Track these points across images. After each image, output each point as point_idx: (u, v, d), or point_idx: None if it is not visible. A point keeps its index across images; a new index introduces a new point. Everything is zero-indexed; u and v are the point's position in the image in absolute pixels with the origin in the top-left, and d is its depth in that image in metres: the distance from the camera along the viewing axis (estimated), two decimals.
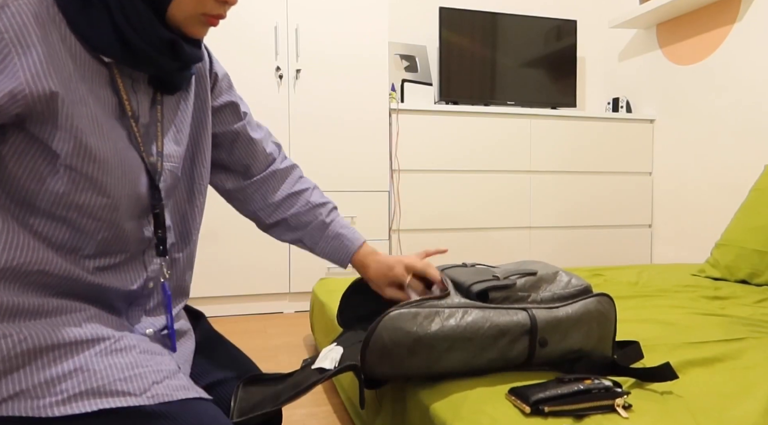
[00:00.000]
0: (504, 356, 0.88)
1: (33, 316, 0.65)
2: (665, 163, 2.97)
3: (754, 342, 1.13)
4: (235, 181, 0.99)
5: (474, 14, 3.09)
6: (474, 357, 0.86)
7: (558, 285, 0.97)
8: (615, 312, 0.97)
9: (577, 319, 0.91)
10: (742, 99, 2.49)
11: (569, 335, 0.90)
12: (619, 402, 0.78)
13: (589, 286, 0.98)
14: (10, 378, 0.61)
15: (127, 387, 0.64)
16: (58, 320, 0.66)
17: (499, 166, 2.87)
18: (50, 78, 0.62)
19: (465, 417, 0.78)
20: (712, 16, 2.64)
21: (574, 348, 0.91)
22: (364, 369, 0.84)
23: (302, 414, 1.43)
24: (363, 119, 2.67)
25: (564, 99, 3.24)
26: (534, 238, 2.94)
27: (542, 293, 0.95)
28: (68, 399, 0.62)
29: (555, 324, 0.89)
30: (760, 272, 1.81)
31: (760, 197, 1.93)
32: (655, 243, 3.08)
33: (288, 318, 2.53)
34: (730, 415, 0.78)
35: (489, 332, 0.86)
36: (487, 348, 0.87)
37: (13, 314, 0.63)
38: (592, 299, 0.95)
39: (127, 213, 0.71)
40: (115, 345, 0.67)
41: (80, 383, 0.63)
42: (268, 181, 1.00)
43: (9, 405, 0.61)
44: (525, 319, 0.88)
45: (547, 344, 0.89)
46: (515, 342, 0.88)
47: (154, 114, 0.76)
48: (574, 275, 1.00)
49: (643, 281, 1.91)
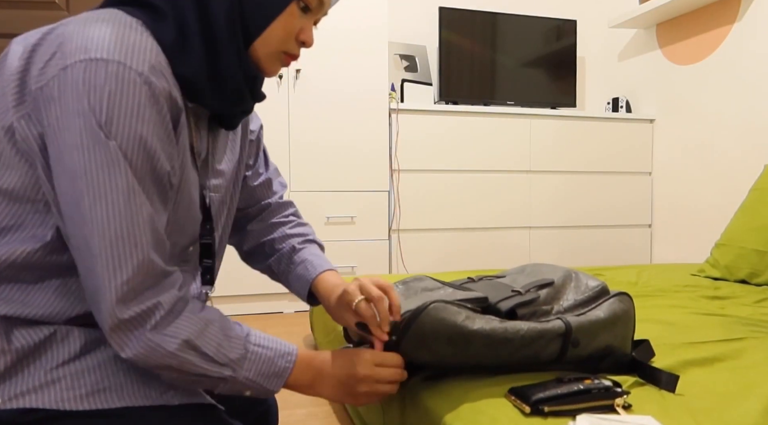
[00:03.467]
0: (537, 355, 0.89)
1: (71, 320, 0.66)
2: (665, 163, 2.97)
3: (753, 342, 1.13)
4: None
5: (474, 14, 3.09)
6: (510, 355, 0.87)
7: (577, 291, 0.97)
8: (634, 310, 0.98)
9: (605, 321, 0.92)
10: (742, 99, 2.49)
11: (599, 336, 0.91)
12: (618, 401, 0.78)
13: (606, 285, 0.98)
14: (35, 368, 0.63)
15: (147, 387, 0.67)
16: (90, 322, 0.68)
17: (499, 166, 2.87)
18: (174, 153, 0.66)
19: (465, 417, 0.78)
20: (712, 16, 2.64)
21: (601, 347, 0.92)
22: (401, 350, 0.83)
23: (302, 414, 1.43)
24: (363, 119, 2.67)
25: (564, 99, 3.24)
26: (534, 238, 2.94)
27: (564, 303, 0.95)
28: (92, 393, 0.64)
29: (587, 326, 0.90)
30: (759, 272, 1.81)
31: (760, 197, 1.93)
32: (654, 243, 3.08)
33: (288, 318, 2.54)
34: (730, 415, 0.78)
35: (529, 333, 0.87)
36: (523, 348, 0.87)
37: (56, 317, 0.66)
38: (614, 299, 0.95)
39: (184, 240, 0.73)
40: None
41: (103, 378, 0.65)
42: (258, 212, 0.97)
43: (34, 397, 0.62)
44: (560, 324, 0.89)
45: (579, 344, 0.90)
46: (550, 343, 0.88)
47: (207, 147, 0.78)
48: (587, 275, 1.00)
49: (642, 281, 1.91)
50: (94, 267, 0.59)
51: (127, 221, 0.60)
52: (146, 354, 0.62)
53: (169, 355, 0.63)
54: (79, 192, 0.58)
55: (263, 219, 0.96)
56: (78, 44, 0.59)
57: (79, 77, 0.58)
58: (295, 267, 0.92)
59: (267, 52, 0.71)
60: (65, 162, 0.58)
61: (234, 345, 0.68)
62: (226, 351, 0.67)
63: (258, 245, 0.96)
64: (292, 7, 0.70)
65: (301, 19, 0.71)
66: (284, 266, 0.93)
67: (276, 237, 0.95)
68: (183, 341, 0.63)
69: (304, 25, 0.72)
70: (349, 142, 2.66)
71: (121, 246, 0.60)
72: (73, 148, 0.58)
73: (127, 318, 0.60)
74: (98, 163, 0.58)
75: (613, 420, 0.74)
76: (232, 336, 0.68)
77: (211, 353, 0.66)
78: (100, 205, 0.59)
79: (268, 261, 0.95)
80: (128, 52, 0.59)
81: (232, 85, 0.69)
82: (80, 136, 0.58)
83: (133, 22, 0.63)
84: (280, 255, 0.94)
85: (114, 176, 0.59)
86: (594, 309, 0.93)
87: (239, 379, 0.68)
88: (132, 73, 0.59)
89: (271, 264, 0.95)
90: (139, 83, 0.59)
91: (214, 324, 0.67)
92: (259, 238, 0.96)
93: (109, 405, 0.64)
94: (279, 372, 0.71)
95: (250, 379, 0.69)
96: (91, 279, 0.60)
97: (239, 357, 0.68)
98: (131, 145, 0.59)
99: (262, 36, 0.69)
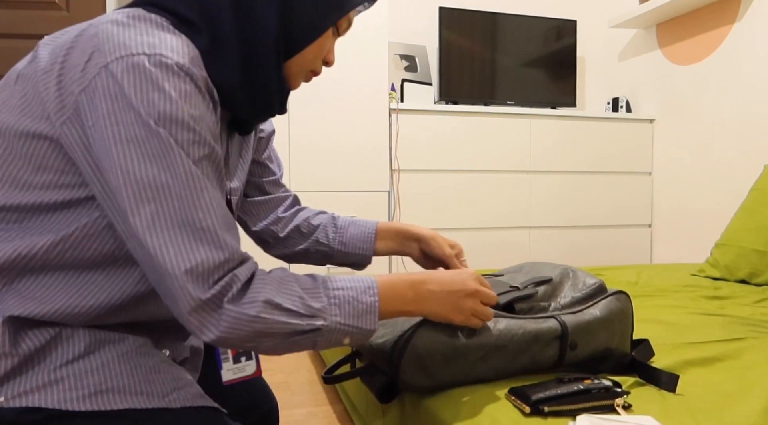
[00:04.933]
0: (536, 361, 0.88)
1: (85, 317, 0.67)
2: (665, 162, 2.97)
3: (753, 342, 1.13)
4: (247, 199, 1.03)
5: (474, 14, 3.08)
6: (508, 364, 0.86)
7: (574, 288, 0.97)
8: (632, 309, 0.97)
9: (602, 320, 0.92)
10: (742, 99, 2.49)
11: (597, 336, 0.91)
12: (618, 401, 0.78)
13: (603, 283, 0.98)
14: (39, 368, 0.63)
15: (150, 389, 0.66)
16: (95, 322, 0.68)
17: (499, 165, 2.87)
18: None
19: (465, 417, 0.78)
20: (712, 16, 2.64)
21: (600, 348, 0.92)
22: (399, 378, 0.82)
23: (302, 414, 1.43)
24: (363, 119, 2.67)
25: (564, 99, 3.24)
26: (533, 238, 2.94)
27: (561, 300, 0.95)
28: (95, 394, 0.63)
29: (584, 326, 0.90)
30: (759, 272, 1.81)
31: (760, 197, 1.93)
32: (654, 243, 3.08)
33: None
34: (730, 415, 0.78)
35: (523, 338, 0.86)
36: (521, 355, 0.86)
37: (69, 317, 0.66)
38: (611, 298, 0.95)
39: None
40: (139, 349, 0.69)
41: (106, 379, 0.65)
42: (277, 199, 1.03)
43: (37, 396, 0.62)
44: (555, 325, 0.88)
45: (577, 346, 0.89)
46: (547, 347, 0.88)
47: (226, 150, 0.80)
48: (585, 273, 1.00)
49: (642, 281, 1.91)
50: (161, 257, 0.59)
51: (191, 206, 0.60)
52: (232, 328, 0.61)
53: (254, 320, 0.62)
54: (136, 184, 0.59)
55: (288, 207, 1.03)
56: (116, 42, 0.60)
57: (123, 72, 0.59)
58: (348, 229, 1.02)
59: (298, 70, 0.76)
60: (118, 157, 0.59)
61: (315, 295, 0.67)
62: (310, 302, 0.66)
63: (293, 229, 1.02)
64: (329, 30, 0.75)
65: (330, 40, 0.77)
66: (332, 234, 1.02)
67: (309, 216, 1.04)
68: (263, 302, 0.62)
69: (330, 47, 0.78)
70: (349, 142, 2.66)
71: (189, 232, 0.60)
72: (125, 141, 0.58)
73: (207, 298, 0.60)
74: (153, 154, 0.59)
75: (613, 420, 0.74)
76: (309, 287, 0.68)
77: (296, 307, 0.65)
78: (160, 194, 0.59)
79: (312, 236, 1.02)
80: (166, 47, 0.61)
81: (265, 97, 0.73)
82: (131, 129, 0.58)
83: (164, 21, 0.65)
84: (324, 226, 1.02)
85: (171, 164, 0.59)
86: (590, 308, 0.93)
87: (332, 327, 0.67)
88: (174, 65, 0.60)
89: (318, 237, 1.02)
90: (182, 74, 0.61)
91: (289, 280, 0.67)
92: (289, 222, 1.02)
93: (112, 406, 0.63)
94: (368, 309, 0.69)
95: (343, 324, 0.67)
96: (159, 270, 0.59)
97: (324, 305, 0.67)
98: (182, 131, 0.60)
99: (298, 55, 0.74)
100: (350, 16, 0.78)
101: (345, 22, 0.77)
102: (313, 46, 0.74)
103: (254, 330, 0.62)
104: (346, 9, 0.74)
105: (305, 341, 0.66)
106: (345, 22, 0.77)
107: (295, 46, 0.73)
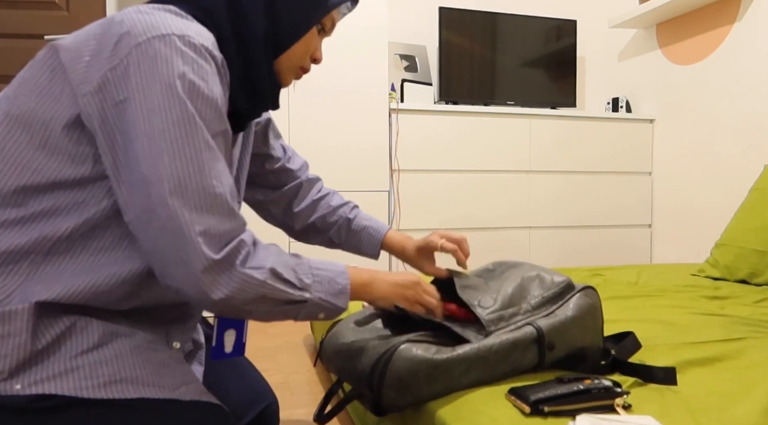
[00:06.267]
0: (517, 367, 0.89)
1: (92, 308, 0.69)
2: (665, 162, 2.97)
3: (754, 342, 1.13)
4: (264, 193, 1.07)
5: (474, 14, 3.09)
6: (490, 373, 0.87)
7: (542, 287, 0.98)
8: (600, 302, 0.99)
9: (573, 318, 0.93)
10: (742, 99, 2.49)
11: (570, 333, 0.92)
12: (618, 401, 0.78)
13: (570, 280, 0.99)
14: (55, 357, 0.65)
15: (161, 381, 0.69)
16: (109, 307, 0.71)
17: (499, 165, 2.87)
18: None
19: (465, 417, 0.78)
20: (711, 16, 2.64)
21: (577, 346, 0.93)
22: (383, 402, 0.83)
23: (302, 414, 1.43)
24: (363, 119, 2.67)
25: (564, 99, 3.24)
26: (533, 238, 2.94)
27: (531, 300, 0.96)
28: (109, 383, 0.66)
29: (558, 327, 0.92)
30: (759, 272, 1.81)
31: (759, 197, 1.93)
32: (654, 243, 3.08)
33: None
34: (730, 415, 0.78)
35: (502, 347, 0.87)
36: (502, 363, 0.88)
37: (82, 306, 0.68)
38: (580, 294, 0.97)
39: None
40: (149, 345, 0.72)
41: (120, 370, 0.67)
42: (294, 191, 1.08)
43: (53, 384, 0.63)
44: (531, 331, 0.90)
45: (555, 347, 0.91)
46: (526, 351, 0.89)
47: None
48: (552, 271, 1.01)
49: (642, 281, 1.91)
50: (178, 219, 0.63)
51: (207, 174, 0.65)
52: (241, 289, 0.67)
53: (261, 285, 0.68)
54: (159, 150, 0.63)
55: (303, 197, 1.08)
56: (146, 25, 0.65)
57: (154, 49, 0.64)
58: (359, 233, 1.08)
59: (288, 67, 0.82)
60: (145, 125, 0.63)
61: (304, 271, 0.74)
62: (301, 276, 0.73)
63: (309, 225, 1.08)
64: (313, 29, 0.81)
65: (316, 39, 0.83)
66: (345, 236, 1.08)
67: (325, 213, 1.08)
68: (269, 270, 0.69)
69: (317, 45, 0.85)
70: (349, 142, 2.66)
71: (204, 197, 0.65)
72: (152, 111, 0.63)
73: (220, 259, 0.65)
74: (177, 122, 0.64)
75: (613, 420, 0.74)
76: (298, 263, 0.75)
77: (292, 279, 0.72)
78: (180, 159, 0.64)
79: (326, 235, 1.09)
80: (192, 31, 0.67)
81: (260, 91, 0.78)
82: (159, 99, 0.63)
83: (183, 13, 0.71)
84: (338, 227, 1.08)
85: (191, 133, 0.64)
86: (561, 307, 0.95)
87: (315, 301, 0.74)
88: (200, 46, 0.67)
89: (332, 237, 1.09)
90: (207, 55, 0.67)
91: (284, 254, 0.74)
92: (307, 218, 1.08)
93: (125, 395, 0.65)
94: (342, 290, 0.78)
95: (323, 299, 0.75)
96: (175, 232, 0.63)
97: (312, 281, 0.74)
98: (205, 106, 0.66)
99: (286, 52, 0.80)
100: (333, 16, 0.83)
101: (328, 21, 0.83)
102: (300, 44, 0.80)
103: (259, 293, 0.68)
104: (327, 9, 0.80)
105: (291, 311, 0.73)
106: (328, 21, 0.83)
107: (282, 45, 0.79)
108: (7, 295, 0.64)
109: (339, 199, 1.12)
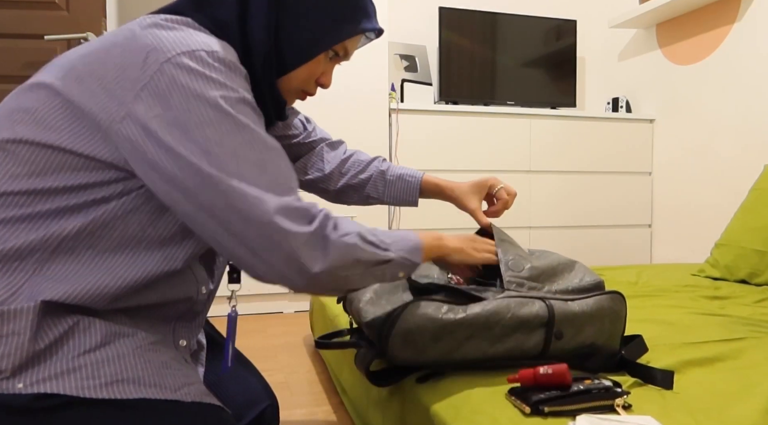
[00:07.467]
0: (520, 346, 0.89)
1: (98, 310, 0.70)
2: (665, 162, 2.97)
3: (754, 342, 1.13)
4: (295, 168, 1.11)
5: (474, 14, 3.09)
6: (492, 346, 0.88)
7: (572, 280, 0.98)
8: (626, 311, 0.98)
9: (591, 315, 0.92)
10: (742, 99, 2.49)
11: (583, 330, 0.91)
12: (618, 402, 0.78)
13: (602, 282, 0.99)
14: (57, 357, 0.65)
15: (162, 382, 0.69)
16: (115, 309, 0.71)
17: (499, 165, 2.87)
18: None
19: (465, 417, 0.78)
20: (711, 16, 2.64)
21: (586, 343, 0.92)
22: (388, 351, 0.87)
23: (302, 414, 1.43)
24: (363, 119, 2.67)
25: (564, 99, 3.24)
26: (534, 238, 2.94)
27: (556, 286, 0.96)
28: (111, 383, 0.66)
29: (571, 317, 0.91)
30: (759, 272, 1.81)
31: (760, 197, 1.93)
32: (654, 243, 3.08)
33: (287, 317, 2.54)
34: (730, 415, 0.78)
35: (509, 323, 0.88)
36: (506, 338, 0.88)
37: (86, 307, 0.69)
38: (605, 296, 0.96)
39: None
40: (151, 345, 0.72)
41: (122, 370, 0.67)
42: (321, 153, 1.11)
43: (55, 383, 0.64)
44: (543, 310, 0.89)
45: (562, 337, 0.90)
46: (532, 333, 0.89)
47: None
48: (589, 270, 1.01)
49: (642, 281, 1.91)
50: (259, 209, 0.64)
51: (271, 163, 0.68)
52: (340, 256, 0.69)
53: (355, 248, 0.71)
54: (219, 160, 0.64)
55: (331, 158, 1.11)
56: (174, 41, 0.66)
57: (188, 64, 0.65)
58: (395, 183, 1.11)
59: (288, 88, 0.82)
60: (196, 138, 0.64)
61: (381, 233, 0.77)
62: (382, 238, 0.76)
63: (344, 184, 1.11)
64: (321, 56, 0.81)
65: (324, 64, 0.83)
66: (382, 188, 1.12)
67: (357, 171, 1.11)
68: (357, 233, 0.72)
69: (326, 69, 0.84)
70: (349, 142, 2.66)
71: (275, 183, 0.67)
72: (200, 125, 0.64)
73: (314, 230, 0.67)
74: (229, 130, 0.65)
75: (613, 420, 0.74)
76: (372, 228, 0.78)
77: (376, 241, 0.75)
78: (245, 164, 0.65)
79: (363, 191, 1.12)
80: (217, 45, 0.69)
81: (262, 107, 0.79)
82: (205, 113, 0.64)
83: (200, 26, 0.73)
84: (374, 180, 1.11)
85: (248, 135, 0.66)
86: (581, 300, 0.93)
87: (397, 259, 0.77)
88: (229, 60, 0.68)
89: (369, 192, 1.12)
90: (235, 68, 0.69)
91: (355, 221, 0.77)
92: (341, 177, 1.11)
93: (127, 395, 0.66)
94: (416, 246, 0.80)
95: (404, 257, 0.78)
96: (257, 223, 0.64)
97: (391, 241, 0.78)
98: (249, 111, 0.68)
99: (288, 75, 0.80)
100: (346, 45, 0.83)
101: (341, 49, 0.82)
102: (303, 69, 0.81)
103: (354, 257, 0.71)
104: (338, 38, 0.80)
105: (378, 271, 0.76)
106: (341, 49, 0.82)
107: (286, 66, 0.79)
108: (12, 293, 0.64)
109: (367, 155, 1.14)
